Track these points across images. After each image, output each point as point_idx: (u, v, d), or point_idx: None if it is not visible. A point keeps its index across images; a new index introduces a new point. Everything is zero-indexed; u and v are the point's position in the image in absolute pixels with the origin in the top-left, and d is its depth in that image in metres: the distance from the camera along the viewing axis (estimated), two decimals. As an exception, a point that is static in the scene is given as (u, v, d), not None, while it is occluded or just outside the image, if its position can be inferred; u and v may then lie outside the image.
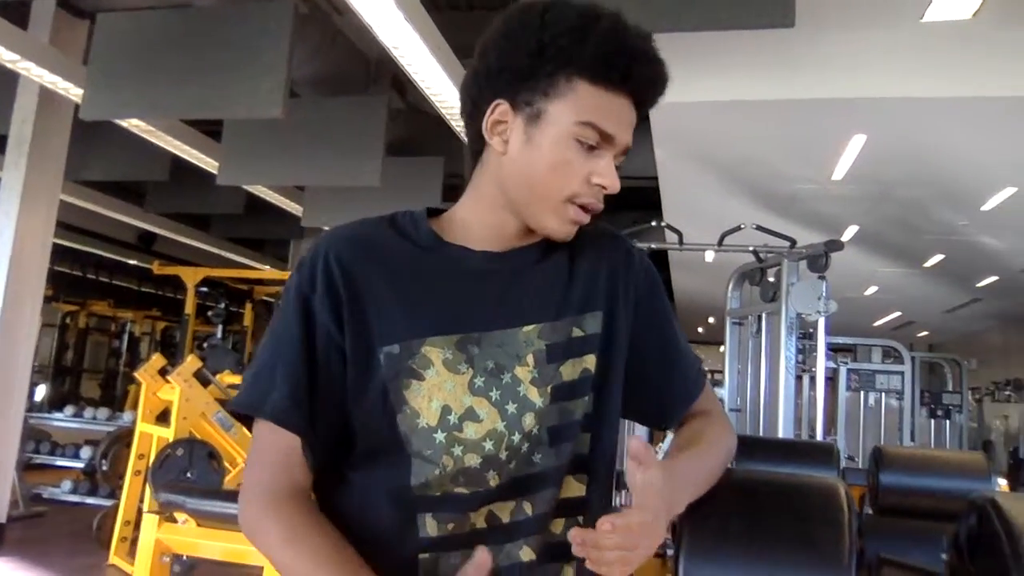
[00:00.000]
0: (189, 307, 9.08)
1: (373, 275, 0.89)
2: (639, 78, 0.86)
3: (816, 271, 4.66)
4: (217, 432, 4.99)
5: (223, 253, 10.73)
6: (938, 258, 8.45)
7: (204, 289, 9.34)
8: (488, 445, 0.86)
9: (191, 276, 9.10)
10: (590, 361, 0.91)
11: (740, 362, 5.47)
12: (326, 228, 7.87)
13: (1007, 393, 10.34)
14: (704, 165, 5.85)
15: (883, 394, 7.42)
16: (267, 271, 11.40)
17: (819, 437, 4.68)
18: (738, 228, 4.77)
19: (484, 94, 0.89)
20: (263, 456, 0.88)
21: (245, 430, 5.46)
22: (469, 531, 0.86)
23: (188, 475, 4.41)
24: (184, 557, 1.97)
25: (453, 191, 7.60)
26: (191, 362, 4.86)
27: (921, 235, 7.53)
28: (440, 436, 0.85)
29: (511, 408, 0.87)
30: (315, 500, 0.90)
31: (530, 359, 0.89)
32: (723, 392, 5.34)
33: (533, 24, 0.86)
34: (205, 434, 4.96)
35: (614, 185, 0.87)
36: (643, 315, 0.97)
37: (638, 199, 8.29)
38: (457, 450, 0.85)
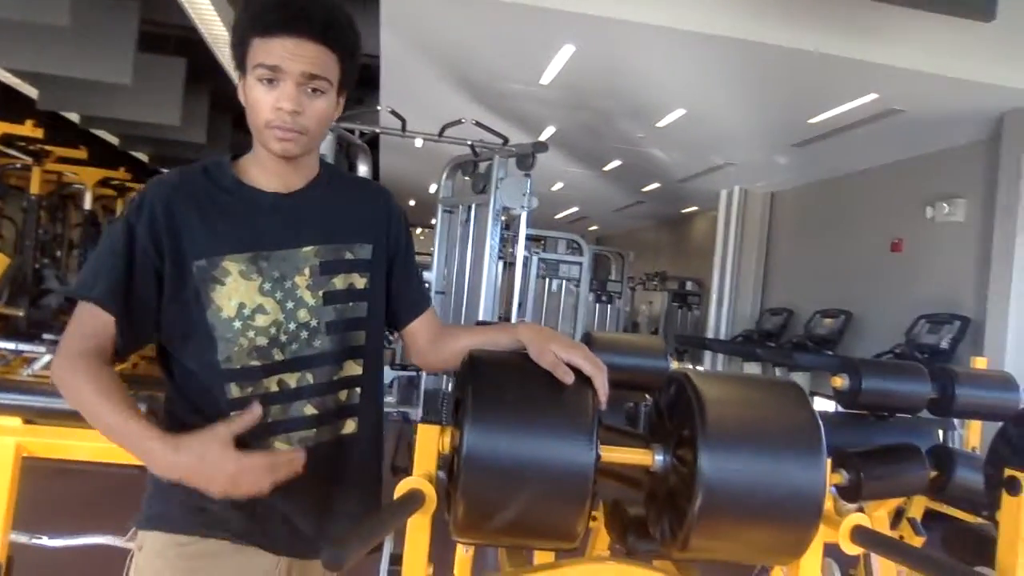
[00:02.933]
0: None
1: (187, 212, 1.19)
2: (285, 20, 1.14)
3: (523, 169, 5.08)
4: None
5: None
6: (616, 163, 9.53)
7: None
8: (272, 330, 1.21)
9: None
10: (357, 278, 1.27)
11: (447, 248, 5.82)
12: None
13: (654, 283, 12.21)
14: (427, 54, 5.92)
15: (564, 281, 8.38)
16: None
17: (513, 319, 5.23)
18: (459, 122, 4.99)
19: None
20: (79, 328, 1.16)
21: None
22: (263, 392, 1.20)
23: None
24: None
25: (151, 39, 6.78)
26: None
27: (605, 142, 8.42)
28: (237, 324, 1.20)
29: (289, 305, 1.22)
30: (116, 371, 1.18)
31: (307, 271, 1.24)
32: (430, 275, 5.68)
33: (237, 17, 1.22)
34: None
35: (287, 105, 1.15)
36: (398, 251, 1.35)
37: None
38: (250, 333, 1.20)
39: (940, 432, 2.36)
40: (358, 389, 1.28)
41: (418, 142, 8.05)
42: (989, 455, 1.79)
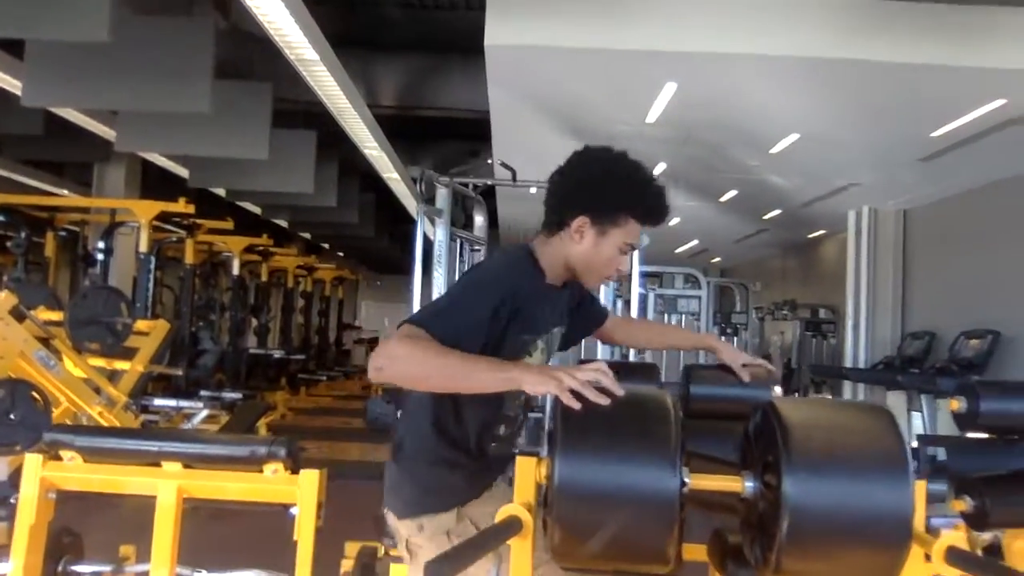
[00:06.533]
0: (-18, 237, 8.27)
1: (527, 295, 1.63)
2: (660, 221, 1.69)
3: (633, 208, 5.13)
4: (38, 371, 4.77)
5: (16, 177, 9.77)
6: (732, 194, 9.39)
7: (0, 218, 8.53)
8: None
9: (-18, 203, 8.28)
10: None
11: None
12: (142, 153, 7.35)
13: (784, 312, 11.78)
14: (535, 105, 6.14)
15: (683, 315, 8.30)
16: (69, 197, 10.53)
17: (632, 355, 5.25)
18: (566, 167, 5.13)
19: (571, 205, 1.65)
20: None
21: (70, 368, 5.22)
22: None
23: (12, 417, 4.23)
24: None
25: (283, 116, 7.37)
26: (6, 298, 4.58)
27: (719, 173, 8.34)
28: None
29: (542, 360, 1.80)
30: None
31: (555, 344, 1.83)
32: (549, 318, 5.80)
33: (613, 176, 1.66)
34: (24, 374, 4.72)
35: (625, 273, 1.77)
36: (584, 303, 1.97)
37: (467, 130, 8.50)
38: (521, 394, 1.64)
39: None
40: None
41: (532, 189, 8.30)
42: None
